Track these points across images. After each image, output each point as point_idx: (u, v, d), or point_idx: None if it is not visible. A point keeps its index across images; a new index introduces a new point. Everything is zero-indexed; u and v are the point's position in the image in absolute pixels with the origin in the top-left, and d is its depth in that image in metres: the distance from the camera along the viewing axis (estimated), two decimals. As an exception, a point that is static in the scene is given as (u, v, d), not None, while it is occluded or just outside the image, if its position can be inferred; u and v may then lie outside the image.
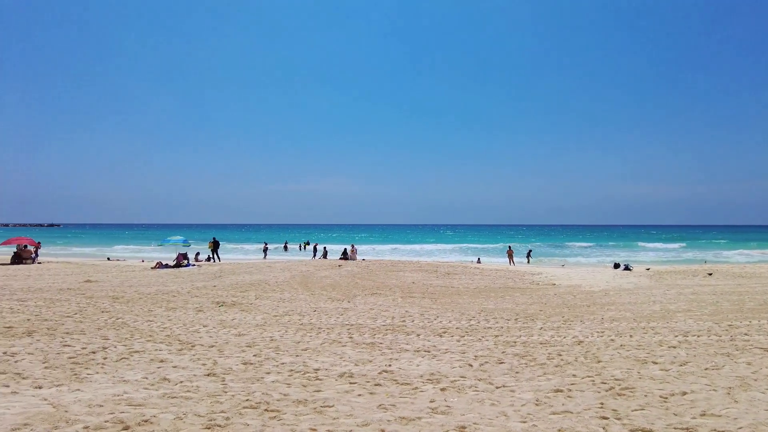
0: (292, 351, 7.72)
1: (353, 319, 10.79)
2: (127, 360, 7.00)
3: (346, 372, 6.49)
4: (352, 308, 12.37)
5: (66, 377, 6.08)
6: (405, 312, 11.75)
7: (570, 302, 13.98)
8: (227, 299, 13.59)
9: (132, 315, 10.83)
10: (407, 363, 7.02)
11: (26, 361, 6.81)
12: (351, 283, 18.20)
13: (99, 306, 12.03)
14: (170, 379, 6.04)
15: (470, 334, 9.18)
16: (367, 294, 15.28)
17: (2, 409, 4.85)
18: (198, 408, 4.99)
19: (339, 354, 7.54)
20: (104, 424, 4.50)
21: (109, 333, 8.84)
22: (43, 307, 11.60)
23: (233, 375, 6.30)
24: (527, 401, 5.32)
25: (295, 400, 5.33)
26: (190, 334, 8.93)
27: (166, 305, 12.39)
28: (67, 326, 9.36)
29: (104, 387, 5.70)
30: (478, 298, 14.72)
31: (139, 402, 5.15)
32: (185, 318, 10.61)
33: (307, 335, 8.99)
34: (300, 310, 12.02)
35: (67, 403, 5.10)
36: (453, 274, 22.21)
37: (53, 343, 7.96)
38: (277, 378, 6.20)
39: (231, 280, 19.05)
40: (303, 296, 14.61)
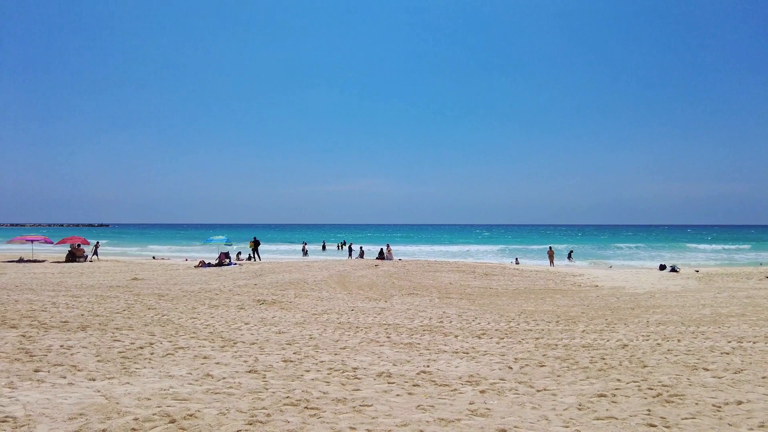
0: (330, 349, 7.80)
1: (390, 318, 10.80)
2: (173, 356, 7.23)
3: (384, 372, 6.51)
4: (389, 308, 12.39)
5: (117, 371, 6.34)
6: (442, 313, 11.68)
7: (613, 304, 13.57)
8: (268, 297, 13.86)
9: (177, 312, 11.19)
10: (446, 364, 6.97)
11: (80, 354, 7.14)
12: (388, 283, 18.24)
13: (146, 303, 12.50)
14: (213, 375, 6.20)
15: (510, 336, 9.04)
16: (404, 294, 15.28)
17: (60, 399, 5.10)
18: (240, 404, 5.11)
19: (377, 353, 7.56)
20: (152, 416, 4.66)
21: (155, 329, 9.17)
22: (95, 303, 12.14)
23: (274, 372, 6.42)
24: (569, 405, 5.19)
25: (334, 398, 5.38)
26: (232, 331, 9.16)
27: (209, 303, 12.75)
28: (116, 322, 9.77)
29: (151, 381, 5.91)
30: (517, 300, 14.48)
31: (184, 397, 5.32)
32: (227, 315, 10.88)
33: (345, 334, 9.06)
34: (338, 309, 12.13)
35: (118, 395, 5.31)
36: (491, 275, 21.92)
37: (104, 337, 8.32)
38: (316, 376, 6.28)
39: (271, 278, 19.42)
40: (341, 295, 14.74)
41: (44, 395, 5.28)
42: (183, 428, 4.39)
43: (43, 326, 9.15)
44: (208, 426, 4.46)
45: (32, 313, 10.59)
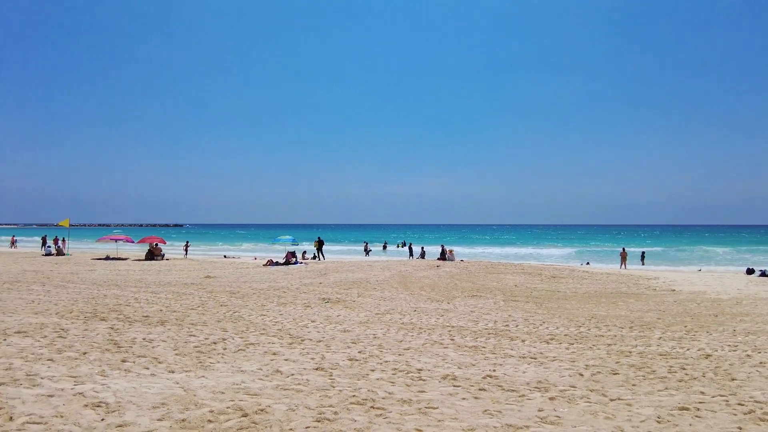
0: (394, 350, 7.83)
1: (454, 321, 10.69)
2: (244, 351, 7.54)
3: (449, 374, 6.45)
4: (452, 310, 12.27)
5: (193, 364, 6.69)
6: (508, 316, 11.42)
7: (693, 310, 12.70)
8: (332, 296, 14.14)
9: (247, 309, 11.66)
10: (512, 369, 6.81)
11: (160, 347, 7.61)
12: (450, 284, 18.08)
13: (218, 300, 13.12)
14: (282, 372, 6.40)
15: (580, 342, 8.69)
16: (467, 296, 15.08)
17: (144, 389, 5.46)
18: (308, 401, 5.24)
19: (441, 355, 7.51)
20: (226, 410, 4.88)
21: (227, 325, 9.60)
22: (172, 300, 12.90)
23: (340, 370, 6.53)
24: (647, 417, 4.91)
25: (400, 399, 5.39)
26: (299, 328, 9.42)
27: (277, 300, 13.19)
28: (192, 318, 10.32)
29: (225, 375, 6.19)
30: (587, 304, 13.90)
31: (255, 392, 5.52)
32: (295, 313, 11.21)
33: (408, 335, 9.07)
34: (400, 309, 12.16)
35: (194, 388, 5.61)
36: (559, 278, 21.17)
37: (181, 332, 8.82)
38: (381, 376, 6.32)
39: (335, 277, 19.80)
40: (403, 296, 14.77)
41: (131, 384, 5.67)
42: (255, 422, 4.56)
43: (128, 320, 9.84)
44: (278, 421, 4.61)
45: (118, 307, 11.42)
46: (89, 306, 11.48)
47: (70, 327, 8.95)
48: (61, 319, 9.77)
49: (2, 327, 8.79)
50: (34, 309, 10.89)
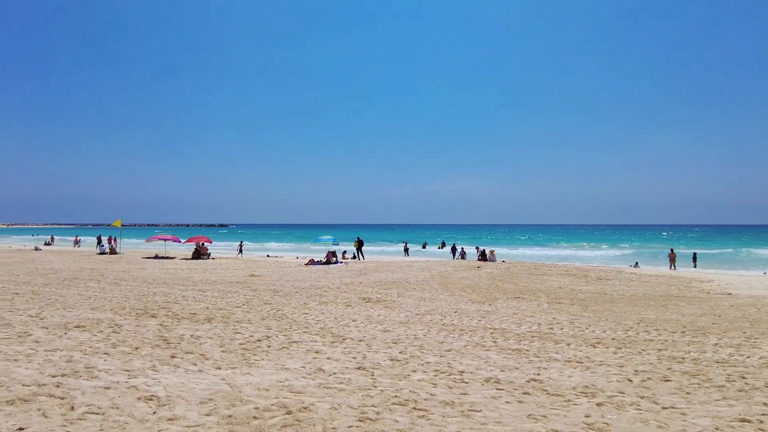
0: (436, 351, 7.78)
1: (496, 323, 10.53)
2: (287, 349, 7.66)
3: (492, 377, 6.35)
4: (494, 311, 12.08)
5: (238, 361, 6.86)
6: (552, 319, 11.15)
7: (752, 316, 12.03)
8: (372, 296, 14.20)
9: (290, 307, 11.86)
10: (557, 373, 6.63)
11: (207, 344, 7.84)
12: (491, 286, 17.82)
13: (262, 298, 13.40)
14: (325, 370, 6.47)
15: (628, 347, 8.38)
16: (509, 297, 14.82)
17: (193, 384, 5.64)
18: (351, 400, 5.27)
19: (483, 358, 7.40)
20: (270, 407, 4.97)
21: (271, 323, 9.79)
22: (218, 298, 13.27)
23: (381, 370, 6.54)
24: (704, 428, 4.67)
25: (442, 401, 5.35)
26: (340, 327, 9.50)
27: (318, 299, 13.36)
28: (237, 315, 10.58)
29: (269, 373, 6.31)
30: (635, 307, 13.40)
31: (298, 390, 5.60)
32: (336, 312, 11.31)
33: (449, 336, 8.99)
34: (441, 310, 12.08)
35: (240, 384, 5.74)
36: (605, 280, 20.52)
37: (227, 329, 9.05)
38: (423, 377, 6.29)
39: (375, 277, 19.87)
40: (443, 296, 14.66)
41: (180, 379, 5.86)
42: (298, 420, 4.62)
43: (176, 317, 10.19)
44: (322, 420, 4.65)
45: (167, 304, 11.85)
46: (140, 303, 11.96)
47: (124, 323, 9.35)
48: (115, 315, 10.23)
49: (63, 321, 9.28)
50: (91, 305, 11.45)
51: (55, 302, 11.70)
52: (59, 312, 10.35)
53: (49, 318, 9.63)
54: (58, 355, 6.80)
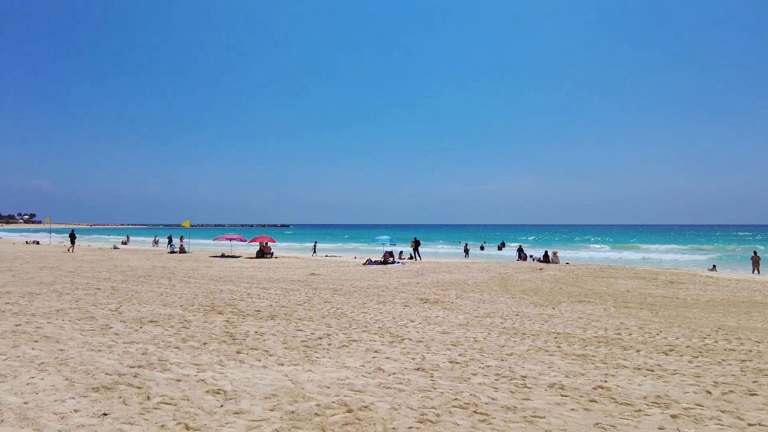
0: (496, 354, 7.62)
1: (560, 327, 10.17)
2: (347, 348, 7.76)
3: (556, 383, 6.13)
4: (558, 315, 11.68)
5: (300, 358, 7.02)
6: (620, 324, 10.63)
7: None
8: (430, 297, 14.12)
9: (349, 306, 12.02)
10: (626, 381, 6.31)
11: (271, 341, 8.08)
12: (554, 288, 17.24)
13: (322, 297, 13.67)
14: (384, 370, 6.50)
15: (705, 356, 7.84)
16: (574, 301, 14.28)
17: (257, 380, 5.83)
18: (410, 401, 5.26)
19: (547, 363, 7.17)
20: (332, 404, 5.05)
21: (331, 321, 9.96)
22: (281, 296, 13.66)
23: (441, 372, 6.48)
24: (795, 447, 4.29)
25: (504, 405, 5.23)
26: (399, 327, 9.51)
27: (376, 299, 13.45)
28: (299, 313, 10.85)
29: (330, 371, 6.42)
30: (713, 313, 12.52)
31: (358, 388, 5.66)
32: (394, 312, 11.35)
33: (510, 340, 8.78)
34: (501, 312, 11.82)
35: (302, 381, 5.88)
36: (678, 283, 19.33)
37: (289, 327, 9.30)
38: (483, 380, 6.18)
39: (432, 278, 19.77)
40: (503, 299, 14.35)
41: (245, 374, 6.08)
42: (359, 419, 4.66)
43: (242, 314, 10.58)
44: (382, 420, 4.67)
45: (233, 302, 12.33)
46: (208, 300, 12.53)
47: (192, 319, 9.83)
48: (184, 311, 10.77)
49: (139, 316, 9.88)
50: (163, 301, 12.12)
51: (131, 298, 12.48)
52: (135, 307, 11.03)
53: (126, 312, 10.29)
54: (135, 348, 7.24)
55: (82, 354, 6.77)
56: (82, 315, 9.80)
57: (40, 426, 4.23)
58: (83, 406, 4.75)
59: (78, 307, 10.73)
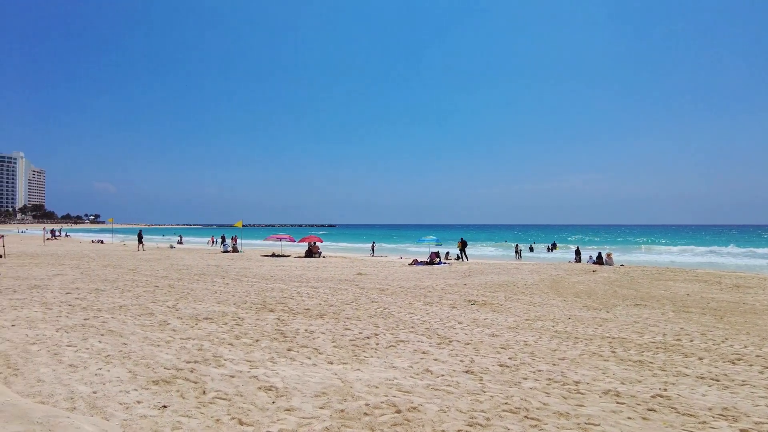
0: (548, 359, 7.43)
1: (614, 331, 9.80)
2: (395, 348, 7.78)
3: (611, 389, 5.91)
4: (612, 319, 11.25)
5: (349, 357, 7.09)
6: (680, 329, 10.12)
7: None
8: (478, 298, 13.94)
9: (396, 306, 12.04)
10: (688, 390, 6.00)
11: (320, 339, 8.21)
12: (609, 291, 16.62)
13: (369, 296, 13.76)
14: (432, 372, 6.46)
15: (777, 366, 7.33)
16: (629, 304, 13.71)
17: (308, 377, 5.94)
18: (459, 404, 5.21)
19: (601, 368, 6.92)
20: (380, 404, 5.08)
21: (378, 321, 10.01)
22: (329, 295, 13.85)
23: (490, 375, 6.39)
24: None
25: (556, 411, 5.09)
26: (446, 329, 9.44)
27: (423, 300, 13.41)
28: (347, 312, 10.97)
29: (378, 370, 6.45)
30: (784, 320, 11.70)
31: (407, 389, 5.66)
32: (441, 313, 11.27)
33: (563, 344, 8.53)
34: (553, 316, 11.51)
35: (351, 380, 5.93)
36: (745, 288, 18.19)
37: (338, 326, 9.41)
38: (534, 385, 6.04)
39: (480, 279, 19.50)
40: (555, 301, 13.97)
41: (296, 372, 6.20)
42: (408, 420, 4.66)
43: (292, 312, 10.81)
44: (431, 421, 4.65)
45: (283, 300, 12.62)
46: (260, 298, 12.88)
47: (245, 316, 10.12)
48: (237, 308, 11.11)
49: (194, 313, 10.28)
50: (217, 299, 12.55)
51: (187, 295, 13.00)
52: (191, 304, 11.48)
53: (183, 309, 10.72)
54: (191, 344, 7.53)
55: (143, 348, 7.11)
56: (142, 311, 10.30)
57: (107, 415, 4.47)
58: (145, 398, 4.99)
59: (138, 304, 11.28)
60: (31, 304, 10.55)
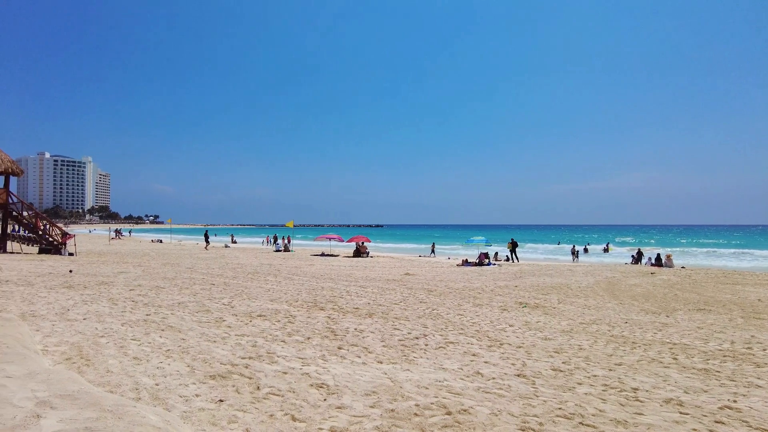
0: (603, 364, 7.16)
1: (676, 337, 9.32)
2: (444, 349, 7.73)
3: (673, 398, 5.63)
4: (673, 324, 10.71)
5: (398, 357, 7.11)
6: (750, 337, 9.51)
7: None
8: (529, 300, 13.63)
9: (444, 308, 11.96)
10: (762, 403, 5.62)
11: (369, 338, 8.27)
12: (669, 295, 15.84)
13: (417, 297, 13.74)
14: (483, 374, 6.38)
15: None
16: (692, 309, 13.02)
17: (358, 376, 6.00)
18: (511, 407, 5.11)
19: (662, 376, 6.61)
20: (430, 405, 5.05)
21: (427, 322, 9.97)
22: (377, 294, 13.93)
23: (543, 380, 6.23)
24: None
25: (613, 419, 4.89)
26: (497, 331, 9.29)
27: (472, 301, 13.25)
28: (395, 312, 10.99)
29: (427, 371, 6.43)
30: None
31: (457, 391, 5.60)
32: (491, 315, 11.10)
33: (619, 349, 8.21)
34: (609, 319, 11.09)
35: (400, 380, 5.94)
36: (822, 293, 16.86)
37: (386, 325, 9.45)
38: (589, 391, 5.84)
39: (531, 281, 19.06)
40: (610, 305, 13.46)
41: (346, 370, 6.28)
42: (458, 422, 4.61)
43: (342, 310, 10.95)
44: (482, 424, 4.59)
45: (333, 299, 12.80)
46: (311, 296, 13.12)
47: (297, 314, 10.34)
48: (289, 306, 11.37)
49: (248, 310, 10.60)
50: (270, 297, 12.89)
51: (241, 293, 13.43)
52: (245, 302, 11.84)
53: (237, 306, 11.08)
54: (246, 340, 7.77)
55: (200, 344, 7.40)
56: (199, 308, 10.72)
57: (168, 406, 4.68)
58: (203, 392, 5.19)
59: (195, 301, 11.75)
60: (100, 300, 11.21)
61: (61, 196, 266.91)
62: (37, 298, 10.87)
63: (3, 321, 6.78)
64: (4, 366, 4.52)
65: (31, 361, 4.86)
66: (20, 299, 10.64)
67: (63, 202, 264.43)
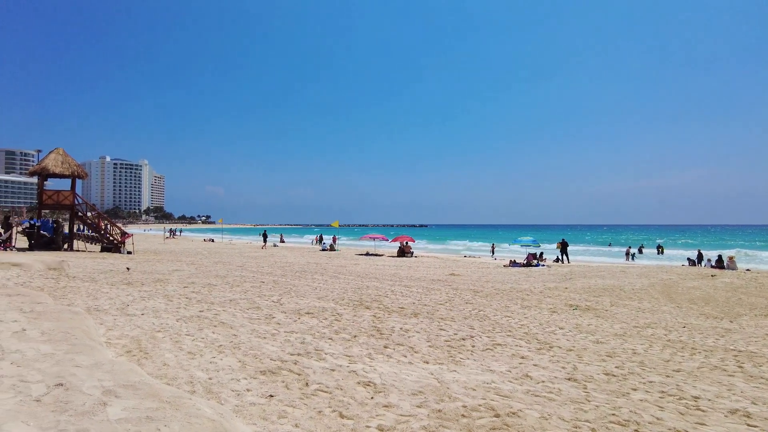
0: (660, 370, 6.86)
1: (741, 343, 8.81)
2: (492, 351, 7.61)
3: (738, 409, 5.32)
4: (737, 330, 10.13)
5: (445, 358, 7.06)
6: (824, 344, 8.86)
7: None
8: (580, 303, 13.23)
9: (491, 309, 11.79)
10: (837, 415, 5.23)
11: (415, 338, 8.26)
12: (732, 299, 14.99)
13: (463, 297, 13.60)
14: (532, 377, 6.24)
15: None
16: (759, 315, 12.26)
17: (404, 375, 6.00)
18: (561, 411, 4.98)
19: (726, 384, 6.26)
20: (478, 407, 4.99)
21: (474, 323, 9.86)
22: (422, 294, 13.89)
23: (595, 384, 6.03)
24: None
25: (671, 427, 4.68)
26: (546, 334, 9.07)
27: (520, 303, 12.99)
28: (440, 312, 10.93)
29: (475, 373, 6.35)
30: None
31: (505, 394, 5.51)
32: (540, 317, 10.85)
33: (677, 354, 7.84)
34: (665, 324, 10.61)
35: (447, 381, 5.90)
36: None
37: (432, 325, 9.41)
38: (645, 397, 5.60)
39: (582, 283, 18.49)
40: (666, 308, 12.87)
41: (392, 369, 6.29)
42: (507, 425, 4.54)
43: (387, 309, 10.99)
44: (531, 428, 4.49)
45: (378, 298, 12.87)
46: (356, 295, 13.24)
47: (343, 312, 10.46)
48: (336, 305, 11.51)
49: (297, 308, 10.81)
50: (317, 295, 13.10)
51: (290, 291, 13.71)
52: (293, 299, 12.09)
53: (286, 304, 11.32)
54: (294, 337, 7.93)
55: (251, 340, 7.61)
56: (249, 305, 11.03)
57: (221, 399, 4.85)
58: (253, 387, 5.34)
59: (246, 298, 12.10)
60: (156, 296, 11.72)
61: (120, 198, 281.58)
62: (100, 294, 11.49)
63: (72, 314, 7.22)
64: (74, 356, 4.81)
65: (96, 353, 5.15)
66: (86, 294, 11.28)
67: (122, 202, 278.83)
